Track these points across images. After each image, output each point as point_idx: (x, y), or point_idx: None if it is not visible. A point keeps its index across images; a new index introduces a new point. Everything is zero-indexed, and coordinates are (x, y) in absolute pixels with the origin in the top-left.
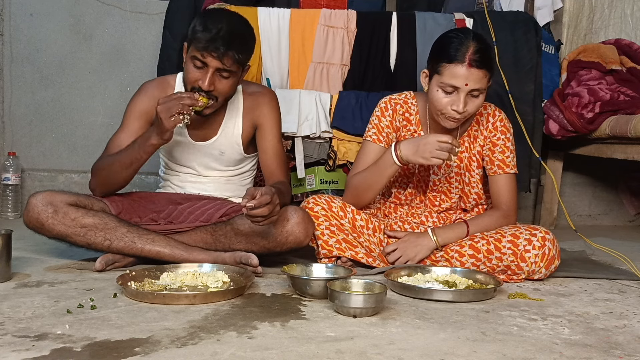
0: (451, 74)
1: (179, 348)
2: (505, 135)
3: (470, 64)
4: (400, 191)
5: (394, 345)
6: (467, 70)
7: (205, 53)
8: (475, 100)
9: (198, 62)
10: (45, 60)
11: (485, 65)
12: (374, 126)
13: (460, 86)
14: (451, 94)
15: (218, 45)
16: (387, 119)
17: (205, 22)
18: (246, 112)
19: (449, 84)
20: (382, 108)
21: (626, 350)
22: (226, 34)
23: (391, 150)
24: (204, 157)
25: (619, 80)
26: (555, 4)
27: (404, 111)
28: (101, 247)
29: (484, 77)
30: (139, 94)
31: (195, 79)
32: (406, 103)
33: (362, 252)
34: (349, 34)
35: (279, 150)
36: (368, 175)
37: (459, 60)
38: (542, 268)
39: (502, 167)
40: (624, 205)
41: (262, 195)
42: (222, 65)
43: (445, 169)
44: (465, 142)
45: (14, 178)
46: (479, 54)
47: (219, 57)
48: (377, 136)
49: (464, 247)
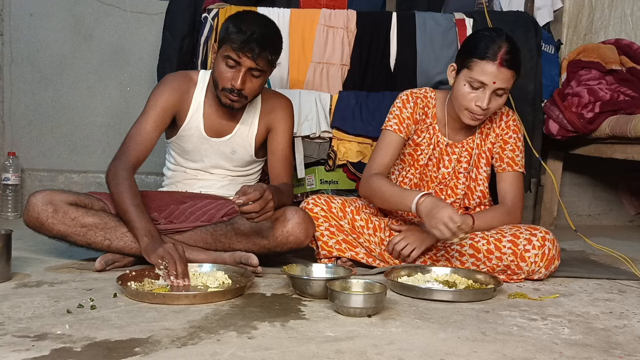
0: (481, 70)
1: (179, 348)
2: (517, 135)
3: (501, 63)
4: (406, 182)
5: (394, 345)
6: (498, 69)
7: (240, 53)
8: (498, 99)
9: (231, 62)
10: (45, 60)
11: (515, 67)
12: (395, 116)
13: (488, 83)
14: (477, 89)
15: (253, 46)
16: (408, 110)
17: (239, 24)
18: (263, 114)
19: (478, 80)
20: (404, 100)
21: (626, 350)
22: (260, 36)
23: (416, 198)
24: (215, 154)
25: (618, 80)
26: (555, 4)
27: (423, 105)
28: (101, 246)
29: (511, 78)
30: (162, 86)
31: (228, 79)
32: (426, 97)
33: (363, 253)
34: (348, 33)
35: (287, 154)
36: (387, 193)
37: (490, 58)
38: (541, 268)
39: (511, 165)
40: (624, 205)
41: (252, 192)
42: (255, 65)
43: (456, 164)
44: (477, 139)
45: (13, 178)
46: (510, 54)
47: (253, 57)
48: (398, 126)
49: (464, 246)
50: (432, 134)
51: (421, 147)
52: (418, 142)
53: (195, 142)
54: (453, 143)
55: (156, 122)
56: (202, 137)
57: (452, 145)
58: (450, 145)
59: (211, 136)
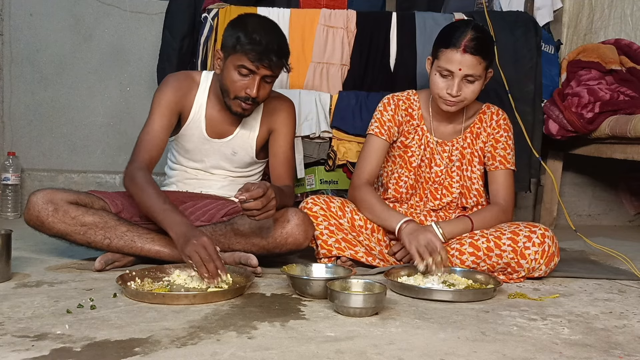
0: (446, 58)
1: (179, 348)
2: (508, 134)
3: (464, 49)
4: (401, 184)
5: (393, 345)
6: (462, 55)
7: (258, 64)
8: (470, 86)
9: (245, 71)
10: (45, 60)
11: (480, 53)
12: (376, 120)
13: (454, 70)
14: (447, 77)
15: (271, 56)
16: (389, 113)
17: (249, 33)
18: (265, 116)
19: (445, 68)
20: (385, 104)
21: (626, 350)
22: (275, 45)
23: (399, 223)
24: (215, 155)
25: (618, 80)
26: (555, 4)
27: (406, 107)
28: (101, 245)
29: (478, 64)
30: (164, 87)
31: (242, 87)
32: (408, 99)
33: (362, 251)
34: (348, 34)
35: (289, 156)
36: (373, 209)
37: (454, 45)
38: (542, 265)
39: (503, 163)
40: (624, 205)
41: (255, 189)
42: (272, 72)
43: (448, 162)
44: (468, 138)
45: (13, 178)
46: (475, 41)
47: (270, 66)
48: (379, 129)
49: (464, 245)
50: (421, 135)
51: (411, 148)
52: (407, 144)
53: (196, 142)
54: (443, 141)
55: (163, 122)
56: (203, 137)
57: (441, 143)
58: (440, 143)
59: (212, 137)
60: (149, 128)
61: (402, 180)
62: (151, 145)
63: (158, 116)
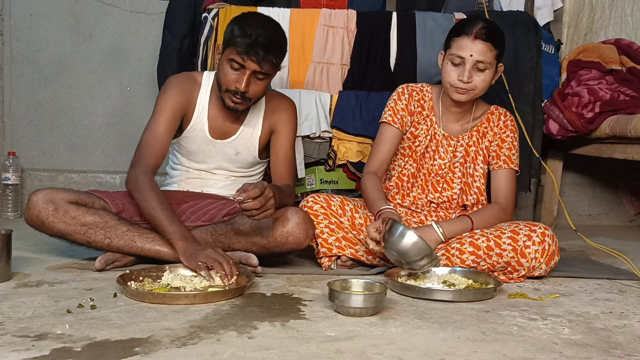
0: (458, 45)
1: (179, 348)
2: (514, 134)
3: (475, 36)
4: (404, 172)
5: (394, 345)
6: (472, 42)
7: (245, 57)
8: (480, 74)
9: (236, 65)
10: (45, 60)
11: (491, 40)
12: (390, 109)
13: (465, 56)
14: (458, 66)
15: (258, 50)
16: (403, 102)
17: (243, 27)
18: (267, 116)
19: (457, 55)
20: (399, 93)
21: (626, 350)
22: (265, 40)
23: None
24: (218, 155)
25: (619, 80)
26: (555, 3)
27: (419, 98)
28: (101, 245)
29: (488, 51)
30: (167, 89)
31: (232, 81)
32: (422, 91)
33: (362, 250)
34: (349, 33)
35: (290, 156)
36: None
37: (466, 33)
38: (542, 264)
39: (507, 162)
40: (624, 205)
41: (253, 189)
42: (260, 68)
43: (452, 157)
44: (474, 136)
45: (13, 178)
46: (485, 29)
47: (258, 61)
48: (392, 118)
49: (464, 244)
50: (429, 126)
51: (419, 138)
52: (416, 134)
53: (199, 143)
54: (449, 135)
55: (167, 124)
56: (206, 138)
57: (448, 137)
58: (447, 137)
59: (215, 138)
60: (153, 131)
61: (405, 169)
62: (155, 149)
63: (163, 119)
